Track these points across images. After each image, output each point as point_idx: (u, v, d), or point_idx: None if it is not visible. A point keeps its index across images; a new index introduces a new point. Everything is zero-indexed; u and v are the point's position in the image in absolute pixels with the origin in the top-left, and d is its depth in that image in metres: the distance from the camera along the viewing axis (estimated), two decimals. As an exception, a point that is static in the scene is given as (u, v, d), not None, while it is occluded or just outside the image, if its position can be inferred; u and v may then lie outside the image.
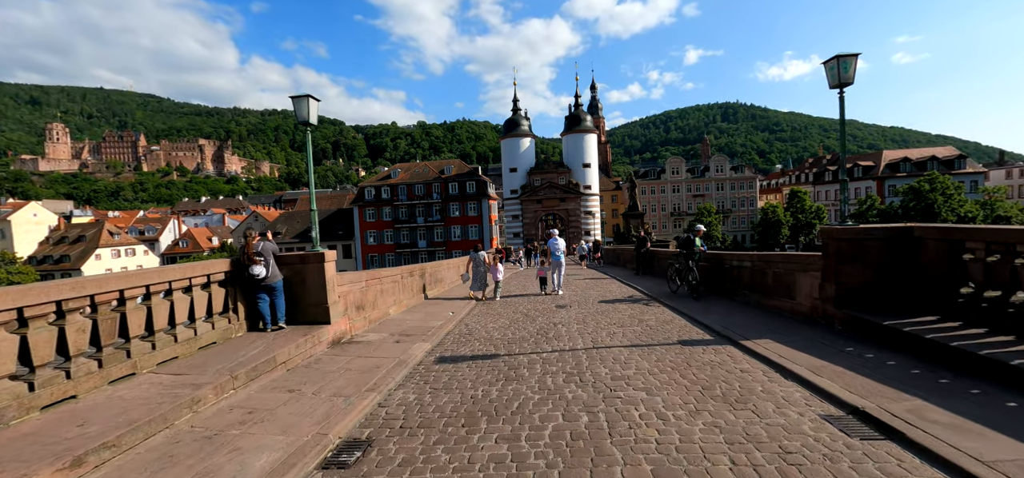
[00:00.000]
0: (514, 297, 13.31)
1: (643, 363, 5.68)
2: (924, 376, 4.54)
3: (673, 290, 11.75)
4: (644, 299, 11.30)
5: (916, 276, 6.31)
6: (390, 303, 9.88)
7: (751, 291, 9.49)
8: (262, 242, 6.97)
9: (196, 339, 5.84)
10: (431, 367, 6.05)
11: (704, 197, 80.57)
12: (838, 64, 6.55)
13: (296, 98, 7.05)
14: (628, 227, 33.76)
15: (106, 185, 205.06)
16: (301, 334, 6.60)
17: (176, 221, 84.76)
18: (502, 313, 10.15)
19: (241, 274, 6.77)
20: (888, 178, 68.84)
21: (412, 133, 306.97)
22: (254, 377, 5.27)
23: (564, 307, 10.58)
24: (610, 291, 13.31)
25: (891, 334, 5.67)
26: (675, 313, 9.21)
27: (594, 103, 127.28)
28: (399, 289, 10.55)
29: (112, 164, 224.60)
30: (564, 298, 12.09)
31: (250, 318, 6.92)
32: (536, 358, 6.19)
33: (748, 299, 9.46)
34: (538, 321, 8.92)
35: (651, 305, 10.38)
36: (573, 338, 7.30)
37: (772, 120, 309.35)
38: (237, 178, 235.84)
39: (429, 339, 7.59)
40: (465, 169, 65.88)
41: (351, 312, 7.99)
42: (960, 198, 58.30)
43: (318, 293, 7.14)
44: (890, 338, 5.67)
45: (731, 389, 4.69)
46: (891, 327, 5.68)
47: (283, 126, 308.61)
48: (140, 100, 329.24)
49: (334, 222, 64.93)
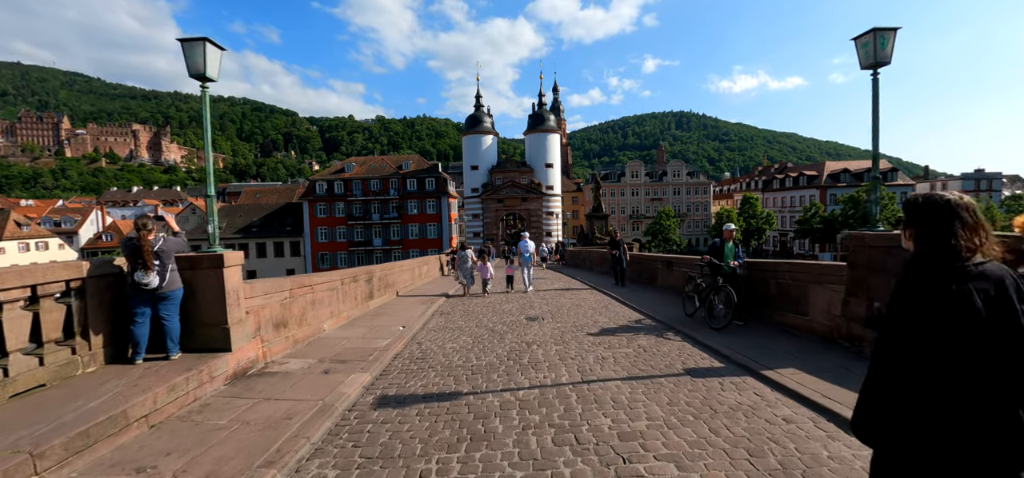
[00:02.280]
0: (476, 297, 11.82)
1: (654, 409, 4.28)
2: None
3: (689, 314, 8.70)
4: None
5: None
6: (325, 316, 8.05)
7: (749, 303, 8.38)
8: (163, 238, 5.05)
9: (5, 383, 3.90)
10: (366, 417, 4.40)
11: (662, 201, 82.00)
12: (874, 39, 5.45)
13: (186, 41, 5.17)
14: (592, 228, 32.93)
15: (21, 171, 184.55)
16: (183, 368, 4.74)
17: (99, 212, 76.68)
18: (464, 328, 8.56)
19: (119, 283, 4.85)
20: (830, 187, 72.57)
21: (370, 128, 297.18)
22: (83, 448, 3.42)
23: (536, 320, 9.13)
24: (585, 304, 11.99)
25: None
26: (686, 342, 7.95)
27: (556, 105, 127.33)
28: (338, 298, 8.71)
29: (29, 147, 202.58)
30: (535, 308, 10.65)
31: (116, 344, 4.98)
32: (511, 400, 4.66)
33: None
34: (507, 340, 7.40)
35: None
36: (554, 365, 5.83)
37: (722, 130, 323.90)
38: (176, 168, 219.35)
39: (370, 367, 5.89)
40: (424, 165, 63.41)
41: (267, 331, 6.15)
42: (893, 208, 62.12)
43: (214, 309, 5.28)
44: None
45: (788, 456, 3.37)
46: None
47: (230, 114, 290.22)
48: (65, 78, 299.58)
49: (281, 217, 60.58)
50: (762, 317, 7.83)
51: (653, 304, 10.43)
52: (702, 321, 7.94)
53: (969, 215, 1.60)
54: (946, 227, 1.59)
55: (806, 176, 76.36)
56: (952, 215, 1.60)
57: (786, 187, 79.78)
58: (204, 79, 5.28)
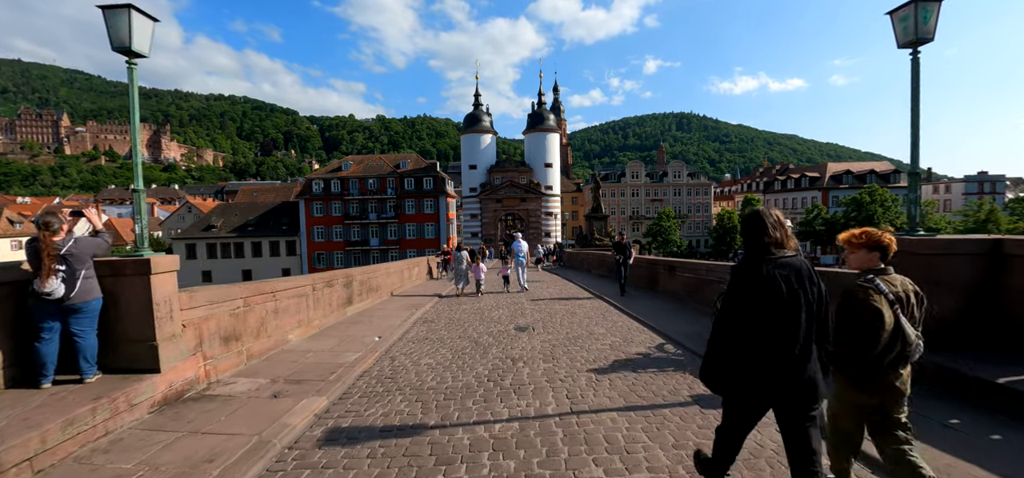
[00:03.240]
0: (468, 299, 11.03)
1: (657, 454, 3.49)
2: None
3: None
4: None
5: (1001, 305, 4.59)
6: (291, 326, 7.26)
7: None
8: (75, 239, 4.28)
9: None
10: (307, 458, 3.61)
11: (662, 202, 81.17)
12: (915, 12, 4.67)
13: (108, 9, 4.39)
14: (591, 229, 32.13)
15: (20, 168, 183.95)
16: (92, 396, 3.96)
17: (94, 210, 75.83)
18: (445, 339, 7.77)
19: (23, 291, 4.10)
20: (832, 189, 71.76)
21: (370, 127, 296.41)
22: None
23: (526, 330, 8.36)
24: (581, 312, 11.18)
25: (990, 391, 3.85)
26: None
27: (557, 105, 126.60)
28: (308, 305, 7.92)
29: (28, 145, 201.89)
30: (526, 316, 9.88)
31: (21, 364, 4.20)
32: (483, 438, 3.88)
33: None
34: (491, 354, 6.61)
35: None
36: (540, 389, 5.05)
37: (723, 131, 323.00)
38: (175, 166, 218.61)
39: (328, 388, 5.11)
40: (422, 164, 62.60)
41: (212, 347, 5.37)
42: (896, 210, 61.23)
43: (140, 323, 4.50)
44: (990, 396, 3.85)
45: (832, 530, 2.58)
46: (998, 385, 3.85)
47: (230, 112, 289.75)
48: (66, 76, 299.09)
49: (277, 215, 59.81)
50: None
51: (656, 314, 9.64)
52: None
53: (775, 222, 2.29)
54: (760, 231, 2.26)
55: (808, 178, 75.57)
56: (763, 223, 2.28)
57: (788, 188, 78.97)
58: (130, 54, 4.50)
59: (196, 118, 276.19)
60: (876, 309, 2.27)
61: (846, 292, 2.41)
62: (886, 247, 2.49)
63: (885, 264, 2.50)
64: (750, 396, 2.23)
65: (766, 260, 2.16)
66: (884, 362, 2.31)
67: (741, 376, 2.20)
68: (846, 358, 2.39)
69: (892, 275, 2.44)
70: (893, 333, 2.28)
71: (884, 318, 2.26)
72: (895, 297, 2.34)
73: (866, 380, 2.38)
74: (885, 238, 2.51)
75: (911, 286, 2.45)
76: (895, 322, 2.28)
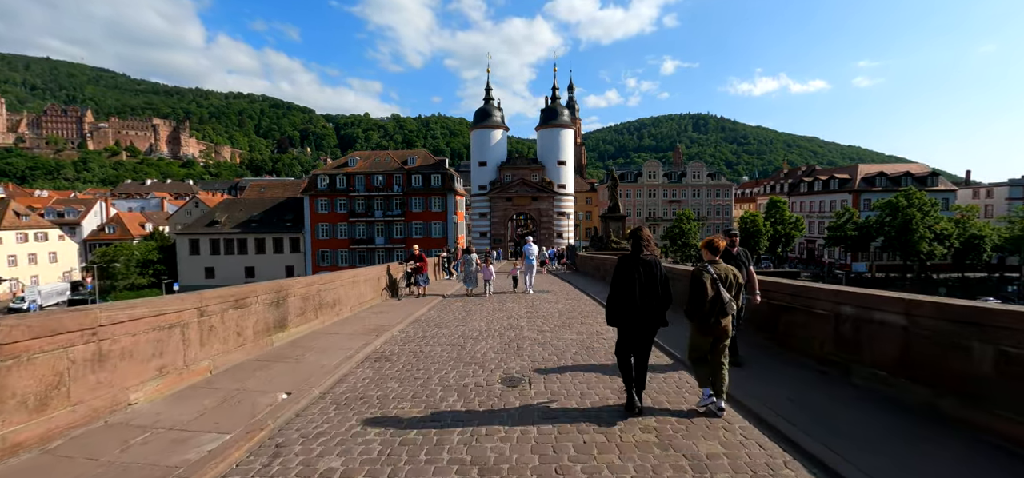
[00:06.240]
0: (446, 328, 8.42)
1: None
2: None
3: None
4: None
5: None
6: (142, 376, 4.66)
7: (834, 357, 4.85)
8: None
9: None
10: None
11: (681, 203, 77.56)
12: None
13: None
14: (607, 231, 29.28)
15: (44, 162, 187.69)
16: None
17: (103, 203, 75.47)
18: (396, 394, 5.24)
19: None
20: (864, 192, 67.34)
21: (385, 125, 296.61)
22: None
23: (517, 385, 5.74)
24: (598, 348, 7.79)
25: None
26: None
27: (571, 104, 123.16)
28: (184, 340, 5.30)
29: (53, 140, 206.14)
30: (524, 353, 7.24)
31: None
32: None
33: (812, 365, 4.83)
34: (454, 443, 4.01)
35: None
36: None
37: (740, 133, 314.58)
38: (194, 162, 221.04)
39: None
40: (431, 160, 60.29)
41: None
42: (936, 215, 56.67)
43: None
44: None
45: None
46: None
47: (248, 110, 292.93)
48: (92, 74, 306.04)
49: (281, 212, 58.12)
50: (853, 382, 4.26)
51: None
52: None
53: (644, 235, 4.59)
54: (637, 240, 4.56)
55: (837, 180, 71.17)
56: (640, 235, 4.58)
57: (814, 191, 74.61)
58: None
59: (215, 115, 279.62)
60: (703, 283, 4.32)
61: (692, 273, 4.49)
62: (718, 248, 4.65)
63: (718, 258, 4.61)
64: (621, 326, 4.53)
65: (639, 258, 4.45)
66: (711, 315, 4.30)
67: (618, 315, 4.49)
68: (692, 312, 4.42)
69: (721, 264, 4.56)
70: (714, 297, 4.28)
71: (707, 288, 4.30)
72: (719, 276, 4.39)
73: (703, 325, 4.37)
74: (716, 243, 4.66)
75: (733, 272, 4.55)
76: (715, 291, 4.29)
